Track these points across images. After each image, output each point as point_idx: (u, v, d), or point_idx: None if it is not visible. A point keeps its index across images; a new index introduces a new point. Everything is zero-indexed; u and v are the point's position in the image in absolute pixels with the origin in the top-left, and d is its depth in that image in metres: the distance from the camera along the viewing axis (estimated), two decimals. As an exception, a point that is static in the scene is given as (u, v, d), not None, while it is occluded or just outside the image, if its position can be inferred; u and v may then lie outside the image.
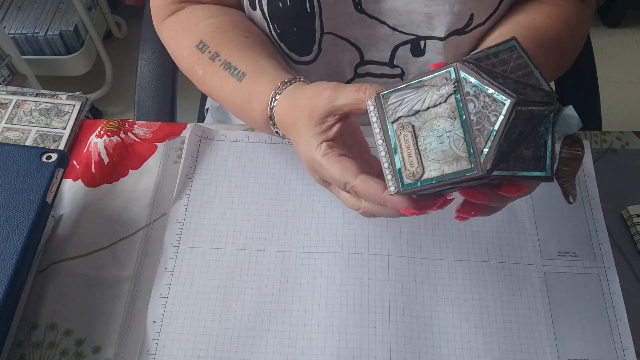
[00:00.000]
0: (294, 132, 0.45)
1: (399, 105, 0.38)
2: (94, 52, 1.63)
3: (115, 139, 0.61)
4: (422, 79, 0.36)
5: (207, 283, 0.52)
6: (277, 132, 0.50)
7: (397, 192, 0.38)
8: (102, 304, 0.51)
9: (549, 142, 0.35)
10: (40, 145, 0.61)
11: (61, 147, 0.60)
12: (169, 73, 0.60)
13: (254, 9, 0.58)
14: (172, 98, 0.77)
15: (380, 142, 0.39)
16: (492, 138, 0.33)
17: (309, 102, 0.44)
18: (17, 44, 1.50)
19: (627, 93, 1.68)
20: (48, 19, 1.54)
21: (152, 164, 0.60)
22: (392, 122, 0.38)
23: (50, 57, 1.55)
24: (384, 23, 0.57)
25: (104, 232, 0.55)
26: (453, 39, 0.56)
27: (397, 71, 0.62)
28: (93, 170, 0.59)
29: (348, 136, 0.48)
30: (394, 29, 0.57)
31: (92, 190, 0.58)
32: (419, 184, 0.37)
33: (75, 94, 0.65)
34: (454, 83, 0.35)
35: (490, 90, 0.33)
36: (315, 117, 0.43)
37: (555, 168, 0.36)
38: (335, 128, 0.43)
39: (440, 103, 0.36)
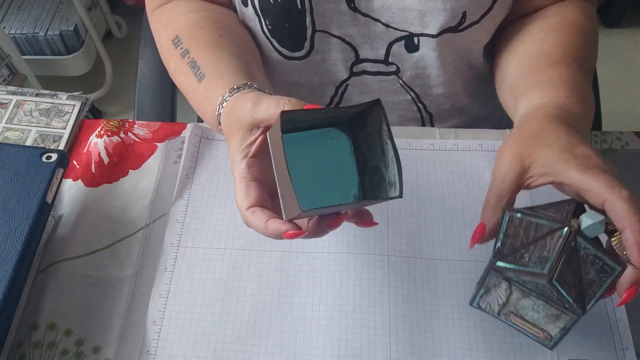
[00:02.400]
0: (230, 141, 0.45)
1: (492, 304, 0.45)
2: (94, 52, 1.63)
3: (115, 139, 0.61)
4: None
5: (207, 283, 0.52)
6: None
7: (290, 218, 0.39)
8: (102, 304, 0.51)
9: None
10: (40, 145, 0.61)
11: (61, 147, 0.60)
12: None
13: (246, 5, 0.58)
14: (172, 98, 0.77)
15: (275, 173, 0.39)
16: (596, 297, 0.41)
17: (236, 113, 0.44)
18: (17, 44, 1.50)
19: (627, 93, 1.68)
20: (48, 19, 1.54)
21: (152, 164, 0.60)
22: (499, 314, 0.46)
23: (50, 57, 1.55)
24: (378, 20, 0.57)
25: (104, 232, 0.55)
26: (446, 37, 0.56)
27: (393, 68, 0.62)
28: (93, 170, 0.59)
29: None
30: (388, 26, 0.57)
31: (92, 190, 0.58)
32: (551, 344, 0.44)
33: (75, 94, 0.65)
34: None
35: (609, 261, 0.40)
36: (243, 129, 0.42)
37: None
38: (258, 142, 0.42)
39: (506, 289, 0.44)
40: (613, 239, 0.41)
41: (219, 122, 0.48)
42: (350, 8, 0.56)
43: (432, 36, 0.56)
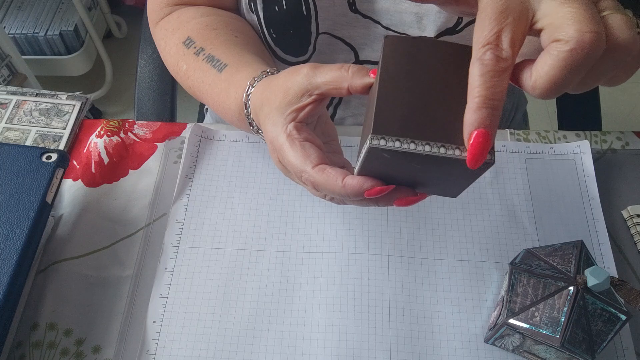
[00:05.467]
0: (264, 112, 0.42)
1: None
2: (94, 52, 1.63)
3: (115, 139, 0.61)
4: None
5: (207, 283, 0.52)
6: (250, 123, 0.47)
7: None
8: (102, 304, 0.51)
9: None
10: (40, 145, 0.61)
11: (61, 147, 0.60)
12: (169, 73, 0.60)
13: (253, 12, 0.58)
14: (172, 98, 0.77)
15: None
16: (604, 344, 0.43)
17: (284, 81, 0.41)
18: (17, 44, 1.50)
19: (627, 93, 1.68)
20: (48, 19, 1.54)
21: (152, 164, 0.60)
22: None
23: (50, 57, 1.55)
24: (378, 22, 0.57)
25: (104, 232, 0.55)
26: (445, 39, 0.56)
27: None
28: (93, 170, 0.59)
29: (321, 133, 0.44)
30: (388, 28, 0.57)
31: (92, 190, 0.58)
32: None
33: (75, 94, 0.65)
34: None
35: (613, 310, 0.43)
36: (290, 95, 0.40)
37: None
38: (308, 109, 0.39)
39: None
40: (618, 293, 0.44)
41: (246, 105, 0.45)
42: (351, 10, 0.56)
43: None
